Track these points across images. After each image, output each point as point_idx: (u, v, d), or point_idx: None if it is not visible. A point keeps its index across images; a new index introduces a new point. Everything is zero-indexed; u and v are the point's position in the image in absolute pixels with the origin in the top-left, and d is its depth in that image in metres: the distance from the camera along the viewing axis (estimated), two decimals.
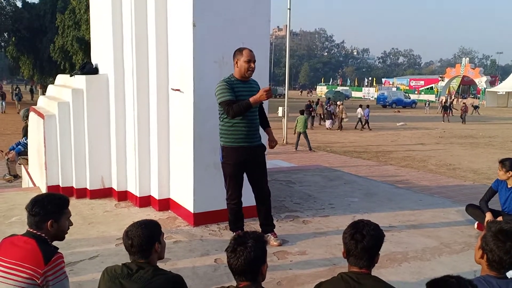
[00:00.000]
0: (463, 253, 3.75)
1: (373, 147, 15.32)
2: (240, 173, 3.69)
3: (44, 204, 2.12)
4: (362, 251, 1.90)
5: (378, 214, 4.79)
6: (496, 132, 21.83)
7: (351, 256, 1.94)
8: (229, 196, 3.73)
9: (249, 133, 3.58)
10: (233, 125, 3.54)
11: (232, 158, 3.58)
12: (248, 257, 1.77)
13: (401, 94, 45.86)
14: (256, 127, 3.69)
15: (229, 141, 3.58)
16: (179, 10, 4.20)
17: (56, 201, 2.18)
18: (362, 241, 1.89)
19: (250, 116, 3.57)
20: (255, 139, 3.66)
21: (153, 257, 2.05)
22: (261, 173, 3.76)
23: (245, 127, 3.55)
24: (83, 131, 5.04)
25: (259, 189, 3.77)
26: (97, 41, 5.60)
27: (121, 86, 4.94)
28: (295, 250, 3.71)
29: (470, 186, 9.23)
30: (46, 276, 1.99)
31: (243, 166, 3.66)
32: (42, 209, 2.10)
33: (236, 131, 3.55)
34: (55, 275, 2.02)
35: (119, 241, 3.70)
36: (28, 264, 1.98)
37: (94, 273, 3.12)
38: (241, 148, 3.57)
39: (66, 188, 5.12)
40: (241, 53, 3.55)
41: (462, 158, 13.44)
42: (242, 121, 3.53)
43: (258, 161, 3.71)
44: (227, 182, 3.70)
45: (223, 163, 3.67)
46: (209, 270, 3.28)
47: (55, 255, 2.05)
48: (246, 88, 3.57)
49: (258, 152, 3.69)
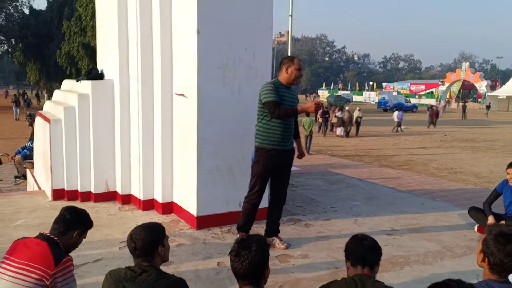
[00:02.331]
0: (465, 257, 3.72)
1: (375, 150, 15.27)
2: (267, 175, 3.73)
3: (83, 216, 2.32)
4: (361, 250, 2.03)
5: (380, 217, 4.77)
6: (497, 136, 21.73)
7: (349, 256, 2.05)
8: (249, 195, 3.75)
9: (284, 137, 3.64)
10: (271, 127, 3.61)
11: (264, 159, 3.64)
12: (252, 261, 1.76)
13: (402, 99, 45.82)
14: (291, 132, 3.75)
15: (264, 142, 3.64)
16: (183, 17, 4.22)
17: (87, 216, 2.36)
18: (362, 241, 2.05)
19: (288, 121, 3.65)
20: (288, 144, 3.72)
21: (156, 260, 2.04)
22: (286, 178, 3.82)
23: (282, 131, 3.62)
24: (89, 135, 5.06)
25: (279, 193, 3.82)
26: (103, 47, 5.63)
27: (126, 91, 4.96)
28: (297, 253, 3.69)
29: (472, 189, 9.17)
30: (55, 277, 2.01)
31: (272, 168, 3.70)
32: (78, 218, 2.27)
33: (273, 133, 3.61)
34: (64, 277, 2.05)
35: (123, 244, 3.70)
36: (38, 265, 2.00)
37: (97, 276, 3.11)
38: (274, 151, 3.62)
39: (71, 192, 5.14)
40: (292, 62, 3.66)
41: (463, 162, 13.38)
42: (280, 124, 3.60)
43: (287, 165, 3.77)
44: (253, 181, 3.73)
45: (254, 163, 3.72)
46: (212, 274, 3.26)
47: (65, 258, 2.08)
48: (289, 94, 3.68)
49: (289, 156, 3.76)
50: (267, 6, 4.30)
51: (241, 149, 4.25)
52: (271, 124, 3.59)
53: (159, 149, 4.59)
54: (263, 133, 3.64)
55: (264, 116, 3.62)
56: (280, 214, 3.92)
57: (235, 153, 4.27)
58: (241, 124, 4.21)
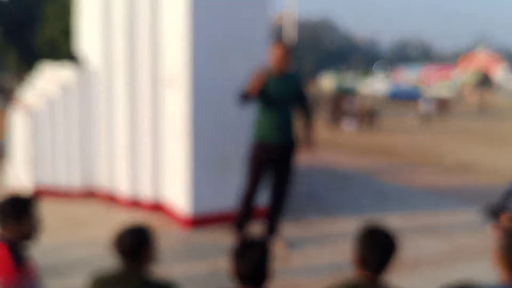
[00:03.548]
0: (480, 258, 3.73)
1: (383, 144, 15.28)
2: (259, 169, 3.70)
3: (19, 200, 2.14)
4: (379, 263, 1.90)
5: (388, 216, 4.77)
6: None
7: (363, 264, 1.92)
8: (244, 191, 3.78)
9: (272, 129, 3.61)
10: (258, 119, 3.64)
11: (254, 151, 3.67)
12: (256, 262, 1.80)
13: (415, 90, 45.73)
14: (283, 124, 3.66)
15: (255, 135, 3.68)
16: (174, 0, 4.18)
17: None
18: (382, 253, 1.90)
19: (275, 112, 3.59)
20: (284, 137, 3.66)
21: (144, 261, 2.04)
22: (285, 175, 3.76)
23: (269, 122, 3.60)
24: (71, 127, 5.03)
25: (277, 190, 3.80)
26: (85, 31, 5.58)
27: (110, 78, 4.92)
28: (299, 253, 3.70)
29: (487, 186, 9.20)
30: (19, 282, 1.97)
31: (266, 163, 3.69)
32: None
33: (260, 125, 3.63)
34: (28, 281, 2.01)
35: (108, 245, 3.70)
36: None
37: (81, 278, 3.11)
38: (263, 143, 3.61)
39: (52, 188, 5.12)
40: (275, 46, 3.65)
41: (480, 156, 13.42)
42: (266, 115, 3.60)
43: (282, 160, 3.73)
44: (247, 176, 3.76)
45: (248, 157, 3.74)
46: (205, 275, 3.27)
47: (25, 260, 2.04)
48: (278, 82, 3.61)
49: (282, 151, 3.70)
50: None
51: (236, 143, 4.23)
52: (258, 116, 3.63)
53: (147, 142, 4.57)
54: (254, 125, 3.69)
55: (256, 109, 3.67)
56: (280, 213, 3.90)
57: (230, 147, 4.26)
58: (236, 116, 4.18)
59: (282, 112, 3.62)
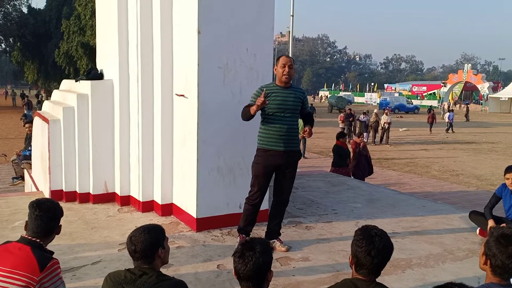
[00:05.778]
0: (467, 260, 3.72)
1: (376, 152, 15.27)
2: (266, 176, 3.72)
3: (57, 211, 2.24)
4: (375, 265, 1.90)
5: (381, 220, 4.77)
6: (499, 138, 21.75)
7: (360, 266, 1.92)
8: (249, 196, 3.77)
9: (280, 138, 3.62)
10: (266, 128, 3.66)
11: (261, 159, 3.68)
12: (257, 262, 1.78)
13: (404, 100, 45.81)
14: (291, 133, 3.68)
15: (261, 143, 3.70)
16: (184, 17, 4.23)
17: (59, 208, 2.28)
18: (377, 256, 1.88)
19: (284, 121, 3.62)
20: (287, 145, 3.67)
21: (156, 263, 2.05)
22: (288, 181, 3.79)
23: (276, 131, 3.62)
24: (88, 136, 5.06)
25: (280, 196, 3.82)
26: (102, 46, 5.64)
27: (125, 91, 4.96)
28: (298, 256, 3.70)
29: (474, 192, 9.19)
30: (43, 283, 1.97)
31: (271, 170, 3.71)
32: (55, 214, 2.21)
33: (268, 134, 3.65)
34: (52, 281, 2.01)
35: (122, 246, 3.70)
36: (23, 272, 1.95)
37: (96, 279, 3.11)
38: (271, 151, 3.64)
39: (69, 193, 5.14)
40: (278, 60, 3.70)
41: (465, 164, 13.39)
42: (274, 125, 3.62)
43: (288, 168, 3.73)
44: (252, 182, 3.77)
45: (253, 163, 3.75)
46: (212, 276, 3.27)
47: (50, 261, 2.03)
48: (284, 94, 3.63)
49: (288, 158, 3.70)
50: (268, 6, 4.31)
51: (242, 150, 4.25)
52: (266, 125, 3.65)
53: (159, 150, 4.60)
54: (260, 133, 3.71)
55: (262, 117, 3.69)
56: (281, 217, 3.92)
57: (235, 154, 4.28)
58: (242, 125, 4.21)
59: (287, 122, 3.65)
